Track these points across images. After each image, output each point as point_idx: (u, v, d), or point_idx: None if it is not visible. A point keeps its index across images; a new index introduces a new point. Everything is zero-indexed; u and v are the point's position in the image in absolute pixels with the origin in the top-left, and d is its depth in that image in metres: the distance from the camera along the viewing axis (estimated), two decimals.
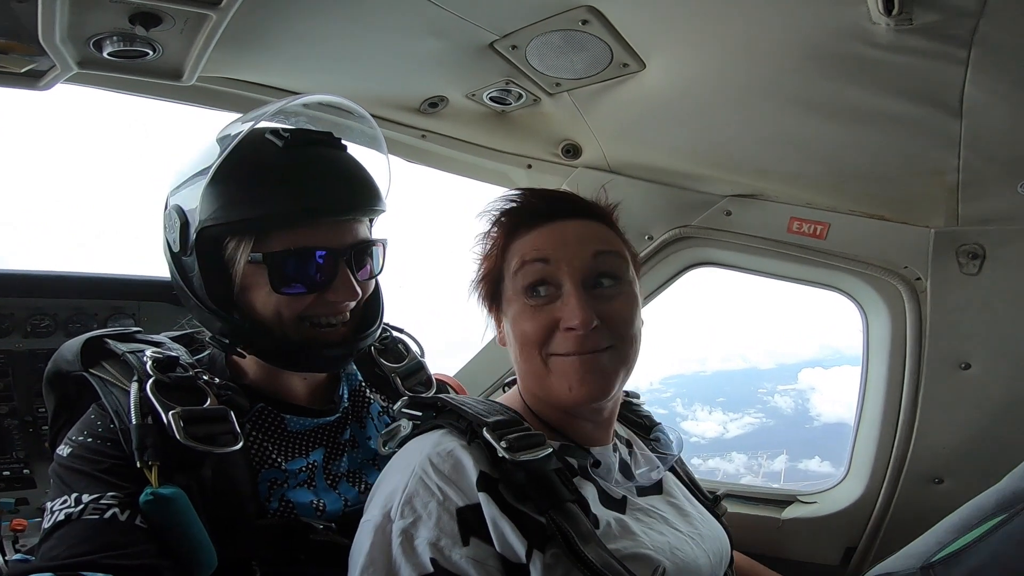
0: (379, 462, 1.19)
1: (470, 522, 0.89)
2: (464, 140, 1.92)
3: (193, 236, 1.04)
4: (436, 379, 1.39)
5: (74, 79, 1.46)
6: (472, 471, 0.93)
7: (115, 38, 1.29)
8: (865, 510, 1.80)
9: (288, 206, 1.03)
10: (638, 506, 1.06)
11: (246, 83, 1.66)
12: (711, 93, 1.58)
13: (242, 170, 1.02)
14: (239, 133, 1.04)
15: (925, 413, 1.72)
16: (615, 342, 1.01)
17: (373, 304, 1.21)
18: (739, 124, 1.65)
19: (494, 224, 1.11)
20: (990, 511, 1.04)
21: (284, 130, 1.07)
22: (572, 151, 1.92)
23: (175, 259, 1.10)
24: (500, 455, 0.93)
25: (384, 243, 1.18)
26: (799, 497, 1.96)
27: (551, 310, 1.01)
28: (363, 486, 1.16)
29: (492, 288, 1.11)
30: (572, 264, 1.01)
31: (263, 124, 1.10)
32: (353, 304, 1.12)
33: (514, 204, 1.11)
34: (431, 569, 0.85)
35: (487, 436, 0.95)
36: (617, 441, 1.15)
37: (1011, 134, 1.41)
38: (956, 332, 1.68)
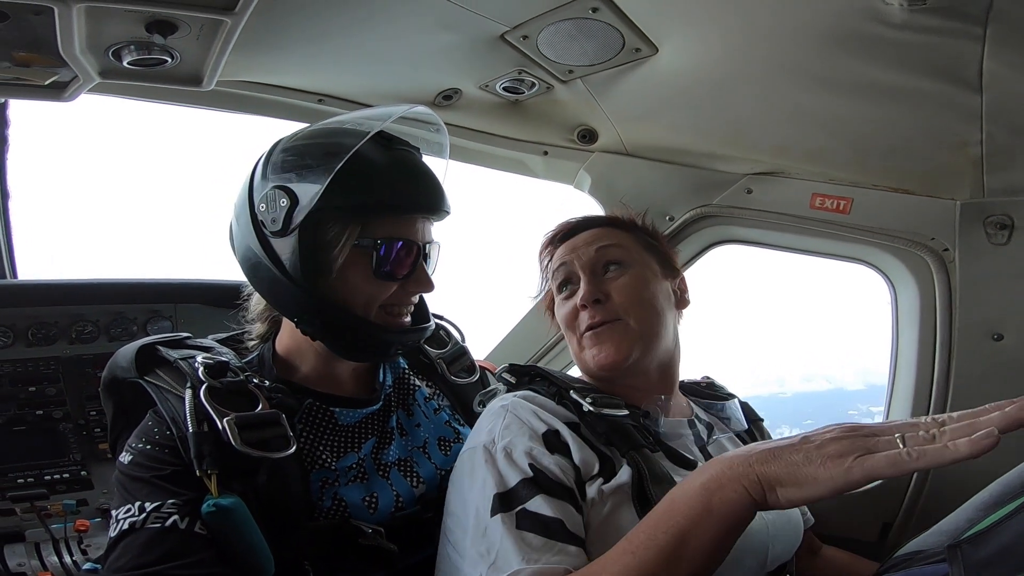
0: (429, 450, 1.22)
1: (552, 441, 1.07)
2: (479, 131, 1.92)
3: (301, 217, 1.06)
4: (478, 365, 1.43)
5: (97, 89, 1.48)
6: (553, 413, 1.11)
7: (133, 47, 1.30)
8: (900, 486, 1.77)
9: (396, 199, 1.13)
10: None
11: (263, 85, 1.67)
12: (727, 74, 1.55)
13: (357, 165, 1.08)
14: (353, 138, 1.09)
15: (958, 386, 1.68)
16: (622, 315, 1.20)
17: (421, 300, 1.28)
18: (757, 103, 1.62)
19: (542, 251, 1.39)
20: (1018, 488, 1.03)
21: (383, 135, 1.15)
22: (588, 136, 1.91)
23: (262, 239, 1.11)
24: (585, 409, 1.11)
25: (440, 245, 1.24)
26: None
27: (574, 298, 1.25)
28: (414, 479, 1.17)
29: (550, 300, 1.37)
30: (581, 260, 1.27)
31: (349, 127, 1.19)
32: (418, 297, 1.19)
33: (551, 233, 1.38)
34: (531, 472, 1.02)
35: (574, 396, 1.14)
36: (696, 420, 1.29)
37: None
38: (987, 303, 1.64)
